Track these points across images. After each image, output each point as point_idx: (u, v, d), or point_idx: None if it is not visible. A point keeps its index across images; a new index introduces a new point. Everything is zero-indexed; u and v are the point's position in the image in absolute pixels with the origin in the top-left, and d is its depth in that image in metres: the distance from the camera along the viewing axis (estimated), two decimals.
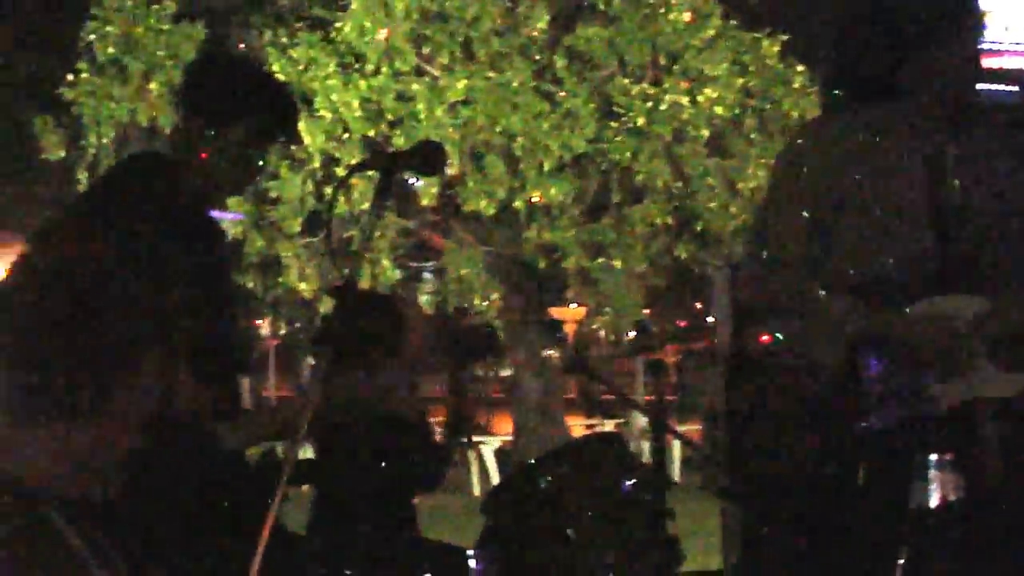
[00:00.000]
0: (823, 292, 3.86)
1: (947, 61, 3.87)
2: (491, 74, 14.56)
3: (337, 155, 14.67)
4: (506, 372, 23.58)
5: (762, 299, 4.02)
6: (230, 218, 15.14)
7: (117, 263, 2.83)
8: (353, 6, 14.33)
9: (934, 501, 3.17)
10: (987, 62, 3.92)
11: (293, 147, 14.97)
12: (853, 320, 3.80)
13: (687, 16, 14.93)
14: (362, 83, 14.44)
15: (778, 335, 4.02)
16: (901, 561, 3.55)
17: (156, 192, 3.45)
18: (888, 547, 3.65)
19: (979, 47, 3.91)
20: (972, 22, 3.89)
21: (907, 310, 3.80)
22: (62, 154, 16.07)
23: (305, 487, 6.52)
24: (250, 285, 16.02)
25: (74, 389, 2.15)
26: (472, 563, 5.02)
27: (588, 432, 17.24)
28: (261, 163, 3.74)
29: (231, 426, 3.50)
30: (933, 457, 2.78)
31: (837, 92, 4.15)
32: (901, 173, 3.91)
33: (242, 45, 15.58)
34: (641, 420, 16.55)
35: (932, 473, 2.90)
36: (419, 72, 14.80)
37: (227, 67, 3.73)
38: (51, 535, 2.13)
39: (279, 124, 3.73)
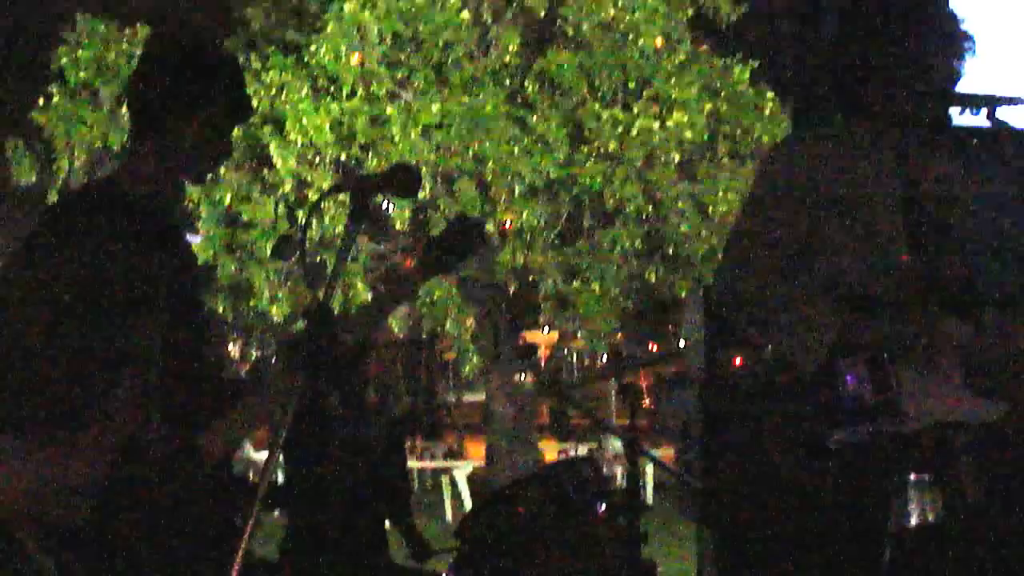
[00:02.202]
0: (802, 301, 3.87)
1: (918, 83, 3.89)
2: (464, 98, 14.59)
3: (309, 179, 14.66)
4: (479, 396, 23.54)
5: (739, 308, 4.02)
6: (195, 241, 15.11)
7: (79, 293, 2.81)
8: (328, 29, 14.34)
9: (912, 521, 3.17)
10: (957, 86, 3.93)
11: (265, 171, 14.97)
12: (832, 329, 3.81)
13: (657, 42, 14.97)
14: (335, 107, 14.45)
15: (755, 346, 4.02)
16: None
17: (116, 221, 3.40)
18: (865, 567, 3.65)
19: (954, 70, 3.93)
20: (950, 43, 3.91)
21: (884, 325, 3.81)
22: (34, 179, 16.04)
23: (276, 512, 6.50)
24: (221, 309, 15.97)
25: (47, 414, 2.15)
26: None
27: (561, 456, 17.24)
28: (223, 148, 3.67)
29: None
30: (911, 477, 2.79)
31: (799, 107, 4.17)
32: (876, 186, 3.93)
33: None
34: (615, 444, 16.55)
35: (910, 493, 2.90)
36: (392, 96, 14.81)
37: (175, 54, 3.64)
38: (23, 560, 2.12)
39: (234, 108, 3.66)
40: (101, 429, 2.21)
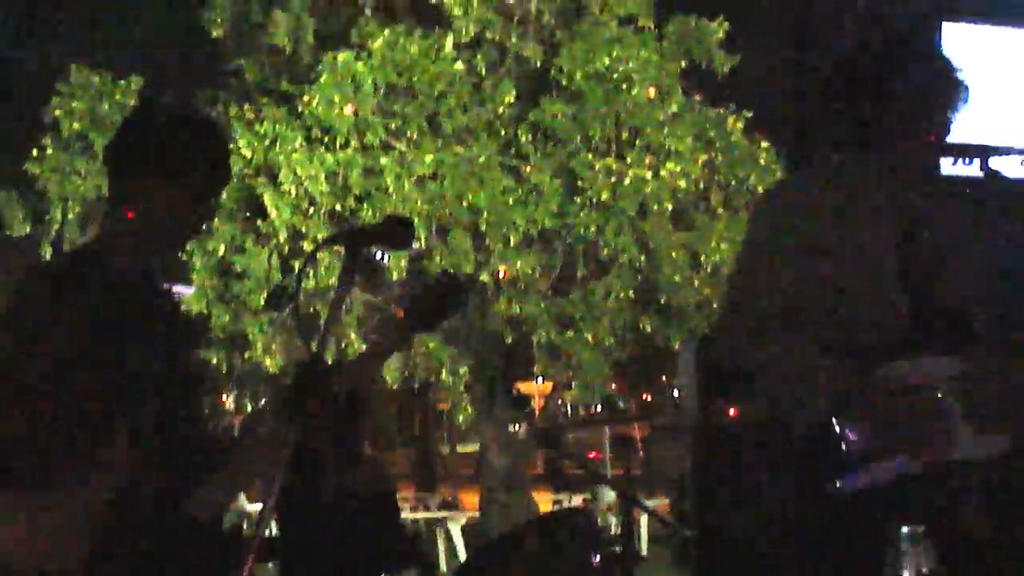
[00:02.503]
0: (797, 351, 3.86)
1: (912, 134, 3.91)
2: (458, 149, 14.63)
3: (303, 229, 14.67)
4: (473, 447, 23.50)
5: (734, 359, 4.01)
6: (188, 292, 15.11)
7: (67, 353, 2.80)
8: (321, 80, 14.38)
9: (911, 572, 3.16)
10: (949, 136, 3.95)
11: (259, 221, 14.97)
12: (830, 378, 3.79)
13: (650, 92, 15.03)
14: (328, 157, 14.47)
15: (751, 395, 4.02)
16: None
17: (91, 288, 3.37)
18: None
19: (947, 120, 3.94)
20: (948, 96, 3.93)
21: (882, 370, 3.80)
22: (27, 230, 16.03)
23: (270, 565, 6.47)
24: (214, 360, 15.94)
25: (44, 464, 2.14)
26: None
27: (556, 507, 17.19)
28: (204, 214, 3.63)
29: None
30: (904, 529, 2.78)
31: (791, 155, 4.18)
32: (875, 231, 3.93)
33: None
34: (609, 494, 16.50)
35: (903, 545, 2.89)
36: (386, 146, 14.84)
37: (161, 117, 3.59)
38: None
39: (214, 175, 3.62)
40: (93, 484, 2.21)
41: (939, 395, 3.77)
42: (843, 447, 3.75)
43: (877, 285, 3.90)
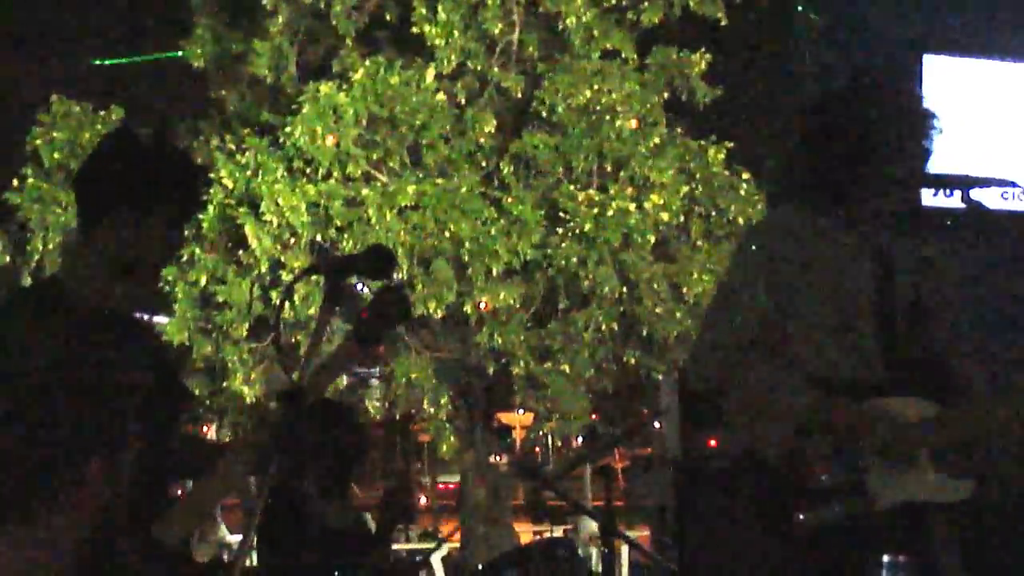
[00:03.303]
0: (770, 386, 3.88)
1: (893, 167, 3.93)
2: (439, 180, 14.63)
3: (284, 260, 14.65)
4: (454, 478, 23.43)
5: (709, 392, 4.02)
6: (164, 321, 15.07)
7: (39, 385, 2.79)
8: (303, 111, 14.38)
9: None
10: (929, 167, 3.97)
11: (240, 252, 14.95)
12: (802, 409, 3.81)
13: (632, 124, 15.06)
14: (310, 188, 14.46)
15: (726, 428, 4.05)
16: None
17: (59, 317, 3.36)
18: None
19: (926, 152, 3.96)
20: (922, 130, 3.95)
21: (855, 406, 3.82)
22: (7, 259, 15.99)
23: None
24: (196, 391, 15.88)
25: (13, 500, 2.12)
26: None
27: (537, 538, 17.15)
28: (174, 242, 3.62)
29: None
30: (885, 558, 2.78)
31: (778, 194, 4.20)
32: (851, 273, 3.95)
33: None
34: (590, 525, 16.46)
35: (889, 574, 2.90)
36: (368, 177, 14.84)
37: (126, 149, 3.58)
38: None
39: (183, 203, 3.60)
40: (69, 516, 2.20)
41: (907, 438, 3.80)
42: (811, 481, 3.77)
43: (849, 327, 3.92)
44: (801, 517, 3.74)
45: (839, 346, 3.91)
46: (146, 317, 3.79)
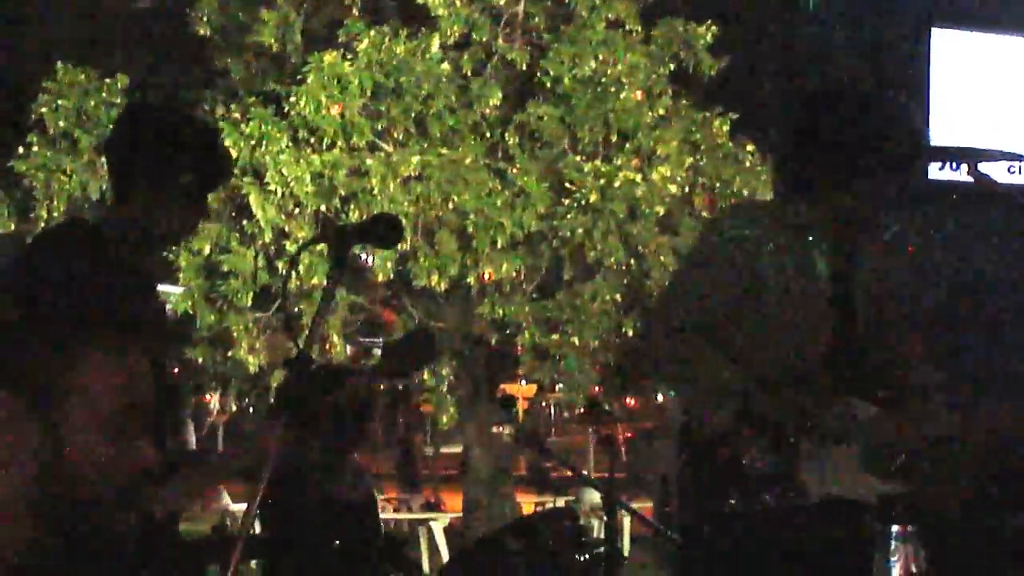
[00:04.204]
0: (713, 367, 3.93)
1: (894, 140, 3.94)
2: (444, 151, 14.61)
3: (289, 229, 14.64)
4: (456, 448, 23.49)
5: (655, 366, 4.11)
6: (178, 291, 15.09)
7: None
8: (308, 81, 14.36)
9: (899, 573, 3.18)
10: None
11: (245, 221, 14.95)
12: (736, 392, 3.86)
13: (638, 95, 15.04)
14: (315, 158, 14.45)
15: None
16: None
17: (83, 262, 3.43)
18: None
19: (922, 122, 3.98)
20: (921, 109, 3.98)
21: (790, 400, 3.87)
22: (12, 227, 15.99)
23: (253, 564, 6.45)
24: (200, 359, 15.90)
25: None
26: None
27: (539, 508, 17.19)
28: (199, 212, 3.71)
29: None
30: (894, 529, 2.80)
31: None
32: (806, 267, 3.99)
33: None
34: (592, 496, 16.49)
35: (897, 544, 2.91)
36: (373, 147, 14.82)
37: (155, 120, 3.66)
38: None
39: (214, 174, 3.70)
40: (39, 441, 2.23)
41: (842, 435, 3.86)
42: (744, 467, 3.84)
43: (800, 318, 3.95)
44: (732, 503, 3.80)
45: (784, 338, 3.95)
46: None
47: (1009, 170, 6.11)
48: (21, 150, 15.54)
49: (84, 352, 2.40)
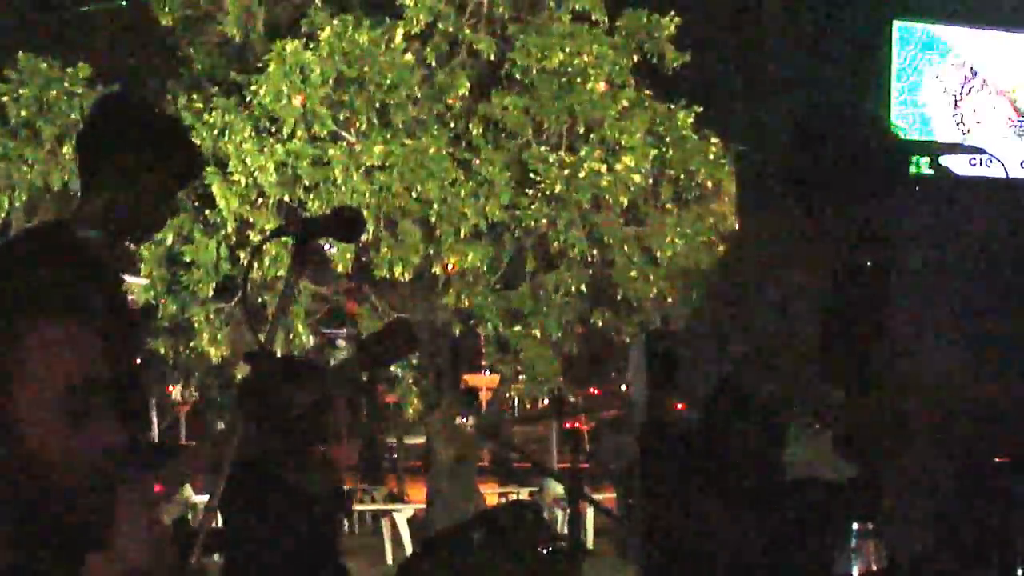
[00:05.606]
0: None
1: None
2: (408, 141, 14.58)
3: (252, 220, 14.60)
4: (420, 439, 23.48)
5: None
6: (140, 282, 15.02)
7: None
8: (270, 70, 14.31)
9: (855, 570, 3.20)
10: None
11: (207, 211, 14.89)
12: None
13: (602, 86, 15.04)
14: (278, 148, 14.41)
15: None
16: None
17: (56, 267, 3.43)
18: None
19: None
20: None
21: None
22: None
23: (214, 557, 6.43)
24: (161, 350, 15.85)
25: None
26: None
27: (503, 500, 17.22)
28: (169, 207, 3.74)
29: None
30: (855, 526, 2.82)
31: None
32: (802, 282, 4.04)
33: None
34: (555, 487, 16.52)
35: (857, 540, 2.94)
36: (335, 137, 14.78)
37: (126, 113, 3.69)
38: None
39: (183, 168, 3.72)
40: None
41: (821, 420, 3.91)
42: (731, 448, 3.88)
43: (793, 329, 4.00)
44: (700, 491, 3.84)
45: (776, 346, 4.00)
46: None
47: (971, 162, 6.15)
48: None
49: (25, 336, 2.40)
